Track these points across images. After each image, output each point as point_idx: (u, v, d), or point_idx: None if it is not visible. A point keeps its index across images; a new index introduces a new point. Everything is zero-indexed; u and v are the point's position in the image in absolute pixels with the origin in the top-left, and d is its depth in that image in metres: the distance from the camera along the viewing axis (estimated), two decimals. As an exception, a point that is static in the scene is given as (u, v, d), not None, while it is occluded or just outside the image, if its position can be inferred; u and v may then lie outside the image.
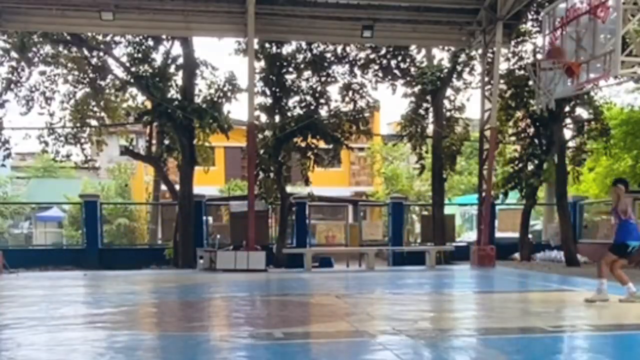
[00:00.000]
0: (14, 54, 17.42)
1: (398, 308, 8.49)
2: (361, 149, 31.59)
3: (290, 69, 18.11)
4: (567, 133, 18.88)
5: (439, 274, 14.56)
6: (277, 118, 18.03)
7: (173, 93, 17.73)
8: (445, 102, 19.35)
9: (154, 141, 19.86)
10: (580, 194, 22.35)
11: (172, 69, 17.72)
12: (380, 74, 18.87)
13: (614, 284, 8.40)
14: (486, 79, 16.89)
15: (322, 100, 18.45)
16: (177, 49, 17.57)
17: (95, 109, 19.77)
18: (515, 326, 6.96)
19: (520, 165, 18.90)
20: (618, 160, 22.35)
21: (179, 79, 17.73)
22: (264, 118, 18.27)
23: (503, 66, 18.09)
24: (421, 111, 19.58)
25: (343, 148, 19.39)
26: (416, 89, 18.99)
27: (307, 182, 18.61)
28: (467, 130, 20.66)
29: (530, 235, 19.69)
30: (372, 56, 18.76)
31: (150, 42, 17.49)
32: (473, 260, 16.30)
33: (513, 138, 20.22)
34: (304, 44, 17.91)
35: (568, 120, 18.53)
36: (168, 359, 5.60)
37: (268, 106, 18.11)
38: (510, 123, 19.66)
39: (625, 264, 8.80)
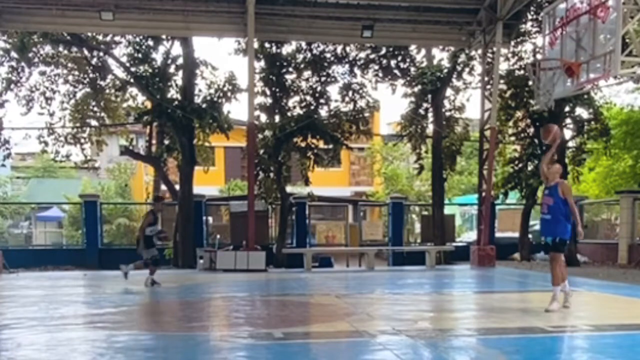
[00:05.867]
0: (14, 54, 17.42)
1: (398, 308, 8.48)
2: (361, 149, 31.57)
3: (290, 69, 18.13)
4: (567, 133, 18.87)
5: (439, 274, 14.55)
6: (277, 118, 18.04)
7: (173, 93, 17.77)
8: (445, 102, 19.37)
9: (154, 141, 19.88)
10: (580, 194, 22.34)
11: (172, 69, 17.75)
12: (380, 74, 18.89)
13: (613, 284, 8.39)
14: (486, 79, 16.88)
15: (322, 100, 18.47)
16: (177, 49, 17.62)
17: (95, 109, 19.79)
18: (515, 326, 6.95)
19: (520, 165, 18.91)
20: (618, 160, 22.37)
21: (179, 79, 17.75)
22: (264, 118, 18.29)
23: (503, 66, 18.12)
24: (421, 111, 19.60)
25: (343, 148, 19.38)
26: (416, 89, 19.01)
27: (307, 182, 18.59)
28: (467, 130, 20.67)
29: (530, 235, 19.66)
30: (372, 56, 18.76)
31: (150, 42, 17.48)
32: (473, 260, 16.30)
33: (513, 138, 20.22)
34: (304, 44, 17.91)
35: (568, 120, 18.53)
36: (168, 359, 5.60)
37: (268, 106, 18.13)
38: (510, 123, 19.67)
39: None
